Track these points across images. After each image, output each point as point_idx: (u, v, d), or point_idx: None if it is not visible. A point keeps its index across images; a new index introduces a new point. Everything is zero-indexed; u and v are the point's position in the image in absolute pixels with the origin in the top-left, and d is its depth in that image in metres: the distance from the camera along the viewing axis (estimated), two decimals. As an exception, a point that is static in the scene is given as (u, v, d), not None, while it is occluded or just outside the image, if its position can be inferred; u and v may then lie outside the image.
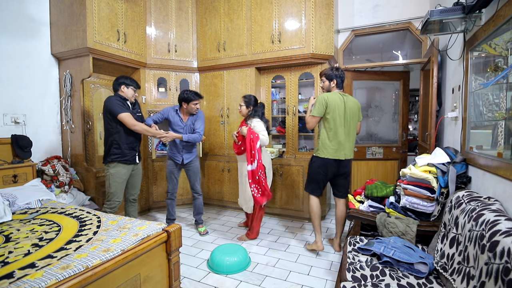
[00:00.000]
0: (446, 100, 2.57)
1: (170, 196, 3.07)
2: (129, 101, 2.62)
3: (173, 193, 3.07)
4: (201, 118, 3.01)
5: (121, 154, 2.55)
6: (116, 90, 2.58)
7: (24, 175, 2.63)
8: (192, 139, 2.88)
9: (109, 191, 2.57)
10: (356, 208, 2.29)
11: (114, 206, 2.59)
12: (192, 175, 3.05)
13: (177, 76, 3.89)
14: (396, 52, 4.57)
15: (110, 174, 2.55)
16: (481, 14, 1.69)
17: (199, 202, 3.12)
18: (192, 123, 2.97)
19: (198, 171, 3.10)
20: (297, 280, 2.19)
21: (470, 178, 1.85)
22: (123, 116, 2.45)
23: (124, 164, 2.59)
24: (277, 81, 3.85)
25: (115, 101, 2.47)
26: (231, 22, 3.64)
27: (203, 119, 3.04)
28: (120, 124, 2.50)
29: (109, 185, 2.56)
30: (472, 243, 1.21)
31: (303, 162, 3.37)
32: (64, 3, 2.95)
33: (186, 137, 2.85)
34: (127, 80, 2.60)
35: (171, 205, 3.10)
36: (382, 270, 1.50)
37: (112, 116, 2.47)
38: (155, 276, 1.66)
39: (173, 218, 3.12)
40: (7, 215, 1.94)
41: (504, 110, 1.44)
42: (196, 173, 3.06)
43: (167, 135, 2.78)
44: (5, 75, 2.70)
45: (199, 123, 2.97)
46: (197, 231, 3.13)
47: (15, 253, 1.40)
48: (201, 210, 3.16)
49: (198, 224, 3.15)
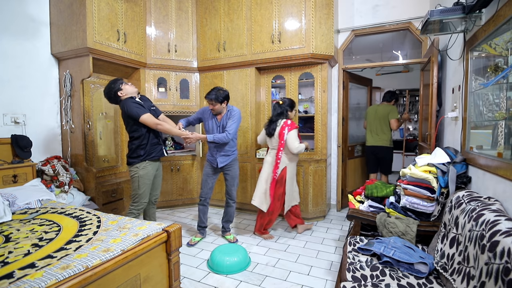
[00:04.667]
0: (446, 100, 2.57)
1: (203, 201, 2.87)
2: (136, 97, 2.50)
3: (206, 198, 2.87)
4: (235, 117, 2.74)
5: (147, 153, 2.47)
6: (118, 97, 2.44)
7: (24, 175, 2.63)
8: (218, 139, 2.63)
9: (138, 192, 2.47)
10: (356, 208, 2.29)
11: (141, 207, 2.50)
12: (230, 179, 2.86)
13: (177, 76, 3.89)
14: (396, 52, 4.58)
15: (139, 176, 2.45)
16: (481, 14, 1.68)
17: (231, 210, 2.91)
18: (226, 123, 2.75)
19: (236, 176, 2.90)
20: (297, 280, 2.18)
21: (470, 178, 1.85)
22: (145, 118, 2.36)
23: (152, 161, 2.51)
24: (277, 81, 3.85)
25: (131, 104, 2.36)
26: (231, 22, 3.64)
27: (237, 118, 2.76)
28: (143, 126, 2.42)
29: (138, 187, 2.46)
30: (472, 243, 1.21)
31: (303, 162, 3.37)
32: (64, 3, 2.95)
33: (211, 138, 2.62)
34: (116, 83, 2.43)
35: (203, 212, 2.89)
36: (382, 270, 1.49)
37: (134, 120, 2.38)
38: (155, 276, 1.66)
39: (205, 225, 2.95)
40: (7, 215, 1.94)
41: (504, 110, 1.44)
42: (234, 177, 2.87)
43: (191, 136, 2.59)
44: (5, 75, 2.70)
45: (231, 121, 2.71)
46: (224, 238, 2.96)
47: (15, 253, 1.40)
48: (231, 218, 2.97)
49: (226, 232, 2.96)
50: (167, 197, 3.88)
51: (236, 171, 2.90)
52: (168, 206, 3.94)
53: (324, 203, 3.49)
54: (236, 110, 2.80)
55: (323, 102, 3.39)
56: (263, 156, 3.51)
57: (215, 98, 2.65)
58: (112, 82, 2.45)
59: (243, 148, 3.71)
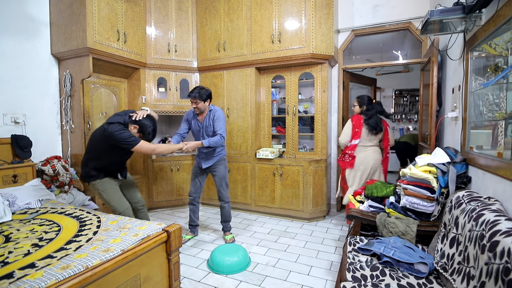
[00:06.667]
0: (446, 100, 2.57)
1: (192, 200, 2.88)
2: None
3: (195, 197, 2.87)
4: (220, 117, 2.69)
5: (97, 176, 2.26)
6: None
7: (24, 175, 2.63)
8: (213, 143, 2.60)
9: (111, 205, 2.27)
10: (356, 208, 2.29)
11: (127, 214, 2.28)
12: (217, 180, 2.83)
13: (177, 76, 3.89)
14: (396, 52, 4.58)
15: (101, 191, 2.26)
16: (481, 14, 1.68)
17: (225, 210, 2.88)
18: (209, 124, 2.71)
19: (224, 177, 2.84)
20: (297, 280, 2.18)
21: (470, 178, 1.85)
22: (140, 147, 2.13)
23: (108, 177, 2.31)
24: (277, 81, 3.85)
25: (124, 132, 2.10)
26: (231, 22, 3.64)
27: (222, 118, 2.72)
28: (116, 152, 2.20)
29: (108, 200, 2.26)
30: (472, 243, 1.21)
31: (303, 162, 3.37)
32: (64, 3, 2.95)
33: (206, 143, 2.58)
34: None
35: (193, 211, 2.91)
36: (382, 270, 1.49)
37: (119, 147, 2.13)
38: (155, 276, 1.66)
39: (196, 224, 2.95)
40: (7, 215, 1.94)
41: (504, 110, 1.44)
42: (221, 178, 2.82)
43: (187, 146, 2.50)
44: (5, 75, 2.70)
45: (218, 123, 2.66)
46: (223, 238, 2.94)
47: (15, 253, 1.40)
48: (228, 218, 2.92)
49: (225, 232, 2.95)
50: (167, 197, 3.88)
51: (222, 171, 2.83)
52: (168, 206, 3.93)
53: (324, 203, 3.49)
54: (218, 109, 2.76)
55: (323, 102, 3.39)
56: (263, 156, 3.51)
57: (198, 96, 2.61)
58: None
59: (243, 148, 3.71)
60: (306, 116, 3.76)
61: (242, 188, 3.73)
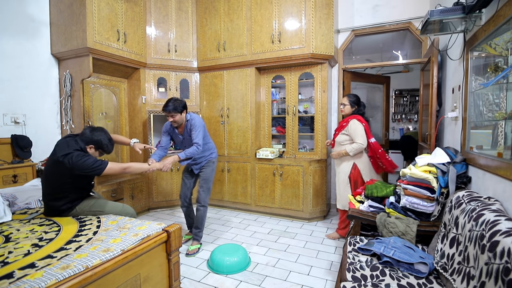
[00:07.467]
0: (446, 100, 2.57)
1: (182, 202, 2.81)
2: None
3: (185, 199, 2.79)
4: (196, 125, 2.54)
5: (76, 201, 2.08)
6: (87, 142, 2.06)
7: (24, 175, 2.63)
8: (189, 154, 2.45)
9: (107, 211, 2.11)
10: (356, 208, 2.29)
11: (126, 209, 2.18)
12: (201, 181, 2.73)
13: (177, 76, 3.89)
14: (396, 52, 4.58)
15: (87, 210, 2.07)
16: (481, 14, 1.68)
17: (199, 214, 2.67)
18: (188, 134, 2.60)
19: (208, 179, 2.71)
20: (297, 280, 2.18)
21: (470, 178, 1.85)
22: (109, 169, 1.96)
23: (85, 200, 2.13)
24: (277, 81, 3.85)
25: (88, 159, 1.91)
26: (231, 22, 3.64)
27: (199, 125, 2.56)
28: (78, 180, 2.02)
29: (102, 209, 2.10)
30: (472, 243, 1.21)
31: (303, 162, 3.37)
32: (64, 3, 2.95)
33: (183, 155, 2.43)
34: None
35: (187, 213, 2.86)
36: (382, 270, 1.49)
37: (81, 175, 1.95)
38: (155, 276, 1.66)
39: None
40: (7, 215, 1.94)
41: (504, 110, 1.44)
42: (205, 180, 2.70)
43: (149, 167, 2.25)
44: (5, 75, 2.70)
45: (194, 132, 2.53)
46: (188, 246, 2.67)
47: (15, 253, 1.40)
48: (200, 225, 2.67)
49: (193, 240, 2.69)
50: (167, 197, 3.88)
51: (208, 173, 2.72)
52: (168, 206, 3.93)
53: (324, 203, 3.49)
54: (195, 117, 2.61)
55: (323, 102, 3.39)
56: (263, 156, 3.51)
57: (173, 109, 2.46)
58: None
59: (243, 148, 3.71)
60: (306, 116, 3.76)
61: (242, 188, 3.73)
